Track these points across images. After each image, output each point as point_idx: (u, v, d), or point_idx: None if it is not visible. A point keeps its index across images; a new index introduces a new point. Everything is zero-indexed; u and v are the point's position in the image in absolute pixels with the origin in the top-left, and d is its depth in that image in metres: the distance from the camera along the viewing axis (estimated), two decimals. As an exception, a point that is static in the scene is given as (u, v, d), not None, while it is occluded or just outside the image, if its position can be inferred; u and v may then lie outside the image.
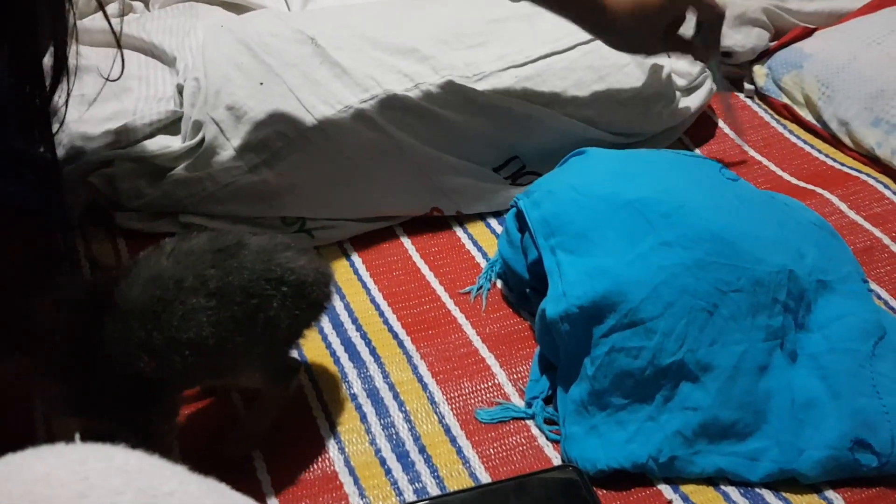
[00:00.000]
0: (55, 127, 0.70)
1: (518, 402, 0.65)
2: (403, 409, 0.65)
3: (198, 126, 0.85)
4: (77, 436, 0.40)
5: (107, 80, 0.74)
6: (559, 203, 0.67)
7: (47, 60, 0.65)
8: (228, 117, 0.84)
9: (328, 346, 0.71)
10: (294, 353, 0.70)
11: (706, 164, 0.73)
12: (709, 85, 0.96)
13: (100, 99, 0.85)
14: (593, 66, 0.92)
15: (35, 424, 0.64)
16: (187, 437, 0.63)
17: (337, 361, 0.69)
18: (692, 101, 0.94)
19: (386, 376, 0.68)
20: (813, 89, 0.96)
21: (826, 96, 0.94)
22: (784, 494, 0.57)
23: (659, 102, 0.92)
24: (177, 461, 0.33)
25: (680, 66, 0.96)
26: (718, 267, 0.61)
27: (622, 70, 0.92)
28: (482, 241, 0.82)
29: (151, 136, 0.87)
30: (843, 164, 0.91)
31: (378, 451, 0.62)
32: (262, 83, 0.86)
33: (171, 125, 0.88)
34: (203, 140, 0.84)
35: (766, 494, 0.57)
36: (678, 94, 0.94)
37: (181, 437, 0.62)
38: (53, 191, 0.77)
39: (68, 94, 0.69)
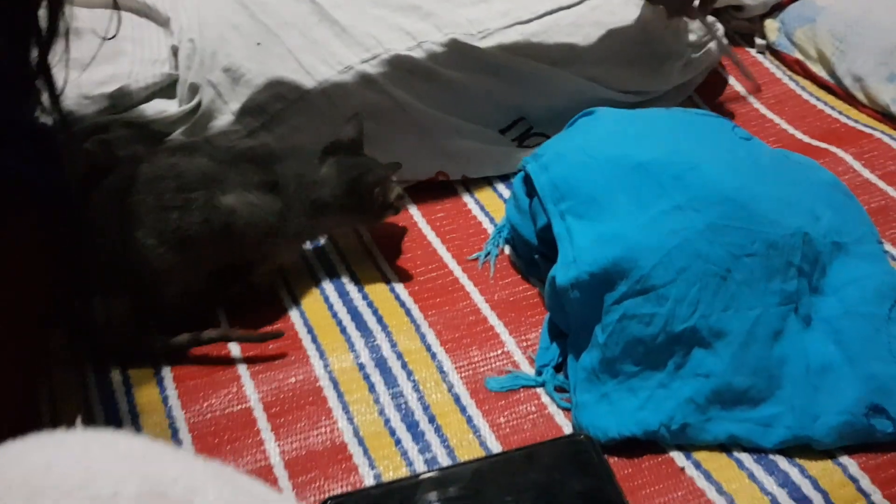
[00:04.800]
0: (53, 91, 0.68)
1: (528, 369, 0.65)
2: (412, 378, 0.64)
3: (194, 89, 0.83)
4: (79, 419, 0.39)
5: (104, 39, 0.72)
6: (568, 166, 0.65)
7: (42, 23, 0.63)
8: (225, 80, 0.81)
9: (334, 315, 0.70)
10: (298, 322, 0.69)
11: (718, 122, 0.71)
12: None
13: (93, 62, 0.83)
14: (601, 22, 0.89)
15: (40, 408, 0.63)
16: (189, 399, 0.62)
17: (343, 331, 0.68)
18: (703, 58, 0.92)
19: (394, 345, 0.67)
20: (826, 44, 0.93)
21: (840, 51, 0.92)
22: (797, 460, 0.57)
23: (669, 59, 0.89)
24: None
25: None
26: (732, 230, 0.59)
27: (632, 25, 0.89)
28: (489, 206, 0.81)
29: (147, 100, 0.85)
30: (857, 122, 0.88)
31: (387, 421, 0.61)
32: (259, 43, 0.84)
33: (166, 88, 0.86)
34: (200, 104, 0.82)
35: (780, 460, 0.57)
36: (688, 50, 0.91)
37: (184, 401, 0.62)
38: (50, 160, 0.75)
39: (67, 59, 0.67)
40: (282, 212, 0.68)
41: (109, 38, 0.71)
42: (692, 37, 0.92)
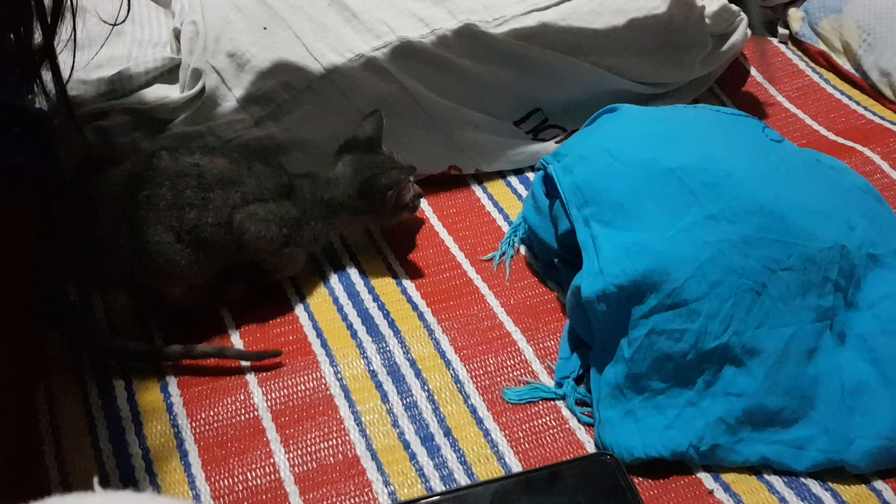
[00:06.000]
0: (64, 75, 0.65)
1: (546, 380, 0.62)
2: (426, 387, 0.62)
3: (197, 75, 0.79)
4: (96, 480, 0.36)
5: (113, 25, 0.69)
6: (593, 169, 0.62)
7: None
8: (230, 65, 0.78)
9: (344, 317, 0.67)
10: (307, 324, 0.66)
11: (748, 123, 0.68)
12: (743, 30, 0.89)
13: (91, 44, 0.79)
14: (622, 9, 0.85)
15: (37, 413, 0.61)
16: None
17: (354, 335, 0.65)
18: (726, 50, 0.88)
19: (406, 351, 0.64)
20: (853, 35, 0.90)
21: (867, 44, 0.88)
22: (830, 484, 0.55)
23: (692, 50, 0.86)
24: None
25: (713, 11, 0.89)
26: (768, 243, 0.56)
27: (653, 13, 0.85)
28: (503, 202, 0.78)
29: (148, 84, 0.81)
30: (883, 119, 0.86)
31: (401, 433, 0.59)
32: (265, 28, 0.80)
33: (168, 73, 0.82)
34: (203, 90, 0.78)
35: (812, 484, 0.55)
36: (711, 40, 0.87)
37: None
38: (46, 148, 0.71)
39: (75, 41, 0.63)
40: (297, 219, 0.66)
41: (118, 24, 0.67)
42: (717, 27, 0.88)
